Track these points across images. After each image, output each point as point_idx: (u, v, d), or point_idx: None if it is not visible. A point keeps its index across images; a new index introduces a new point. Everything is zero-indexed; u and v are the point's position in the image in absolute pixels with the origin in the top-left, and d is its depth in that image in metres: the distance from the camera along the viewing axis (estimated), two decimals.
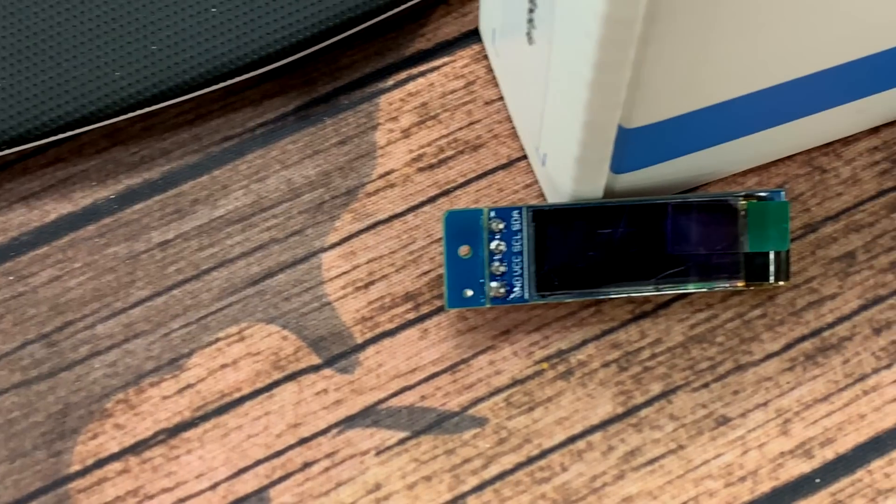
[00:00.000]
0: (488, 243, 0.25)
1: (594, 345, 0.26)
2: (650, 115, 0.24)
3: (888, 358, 0.26)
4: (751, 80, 0.24)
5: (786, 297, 0.27)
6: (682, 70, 0.23)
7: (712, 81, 0.23)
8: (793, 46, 0.24)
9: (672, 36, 0.21)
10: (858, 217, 0.28)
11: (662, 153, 0.26)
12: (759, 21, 0.22)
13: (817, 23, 0.23)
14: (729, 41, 0.22)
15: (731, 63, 0.23)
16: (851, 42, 0.25)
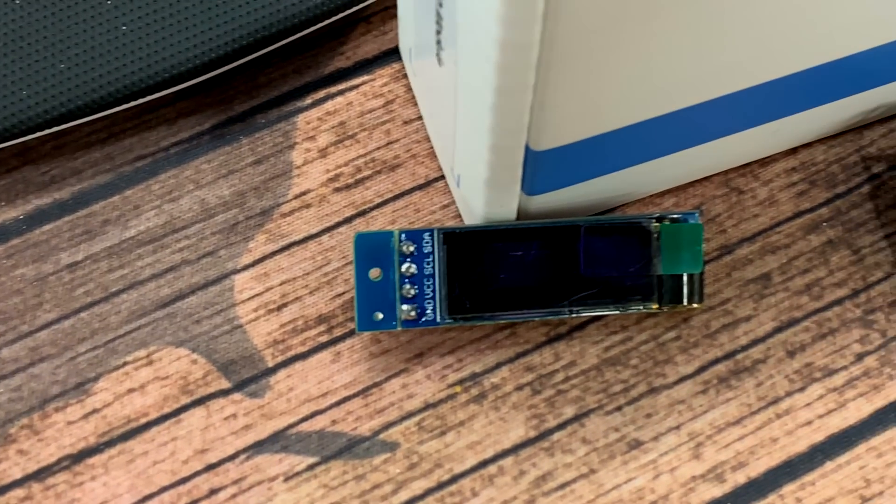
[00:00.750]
0: (399, 266, 0.25)
1: (508, 368, 0.26)
2: (558, 138, 0.24)
3: (801, 381, 0.26)
4: (659, 104, 0.24)
5: (700, 319, 0.27)
6: (586, 94, 0.23)
7: (619, 105, 0.23)
8: (700, 70, 0.24)
9: (572, 61, 0.21)
10: (774, 238, 0.28)
11: (575, 175, 0.26)
12: (663, 47, 0.22)
13: (725, 47, 0.23)
14: (632, 66, 0.22)
15: (636, 87, 0.23)
16: (761, 65, 0.25)
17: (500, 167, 0.23)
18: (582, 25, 0.20)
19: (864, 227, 0.28)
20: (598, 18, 0.20)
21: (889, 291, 0.27)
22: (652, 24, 0.21)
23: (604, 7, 0.20)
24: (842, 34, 0.25)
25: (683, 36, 0.22)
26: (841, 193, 0.28)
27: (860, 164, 0.28)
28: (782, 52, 0.25)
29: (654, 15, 0.21)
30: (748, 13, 0.23)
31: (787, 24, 0.23)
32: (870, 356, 0.26)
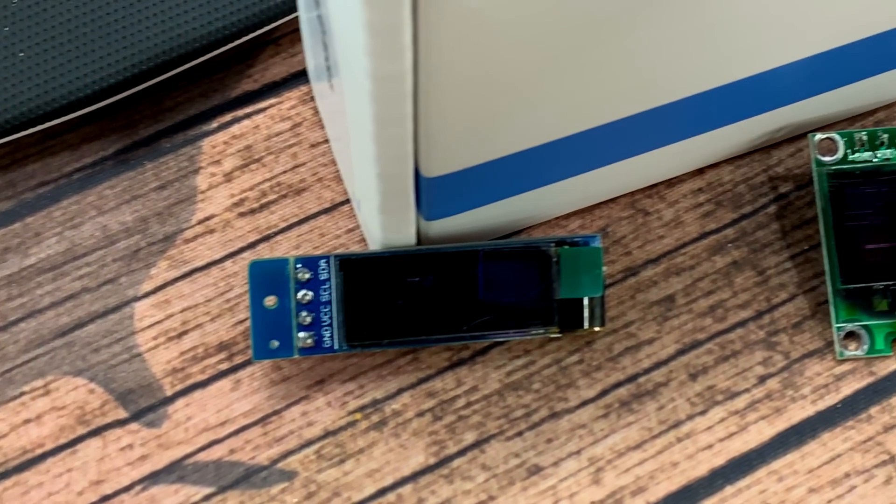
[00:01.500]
0: (295, 293, 0.25)
1: (409, 393, 0.26)
2: (448, 164, 0.24)
3: (703, 404, 0.26)
4: (551, 130, 0.24)
5: (603, 343, 0.27)
6: (471, 122, 0.22)
7: (508, 132, 0.23)
8: (591, 96, 0.23)
9: (450, 90, 0.21)
10: (679, 260, 0.27)
11: (472, 200, 0.26)
12: (548, 76, 0.22)
13: (619, 72, 0.23)
14: (515, 95, 0.22)
15: (523, 115, 0.23)
16: (660, 88, 0.25)
17: (390, 194, 0.23)
18: (454, 57, 0.20)
19: (769, 247, 0.28)
20: (471, 50, 0.20)
21: (793, 313, 0.27)
22: (531, 54, 0.21)
23: (475, 39, 0.20)
24: (744, 54, 0.25)
25: (568, 64, 0.22)
26: (747, 214, 0.28)
27: (767, 184, 0.28)
28: (682, 75, 0.24)
29: (531, 47, 0.20)
30: (644, 37, 0.23)
31: (686, 46, 0.23)
32: (772, 378, 0.26)
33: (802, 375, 0.26)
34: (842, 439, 0.26)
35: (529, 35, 0.20)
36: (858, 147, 0.27)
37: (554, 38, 0.21)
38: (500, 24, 0.20)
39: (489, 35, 0.20)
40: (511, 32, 0.20)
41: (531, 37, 0.20)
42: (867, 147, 0.27)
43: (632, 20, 0.22)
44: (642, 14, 0.22)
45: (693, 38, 0.23)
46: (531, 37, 0.20)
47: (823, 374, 0.26)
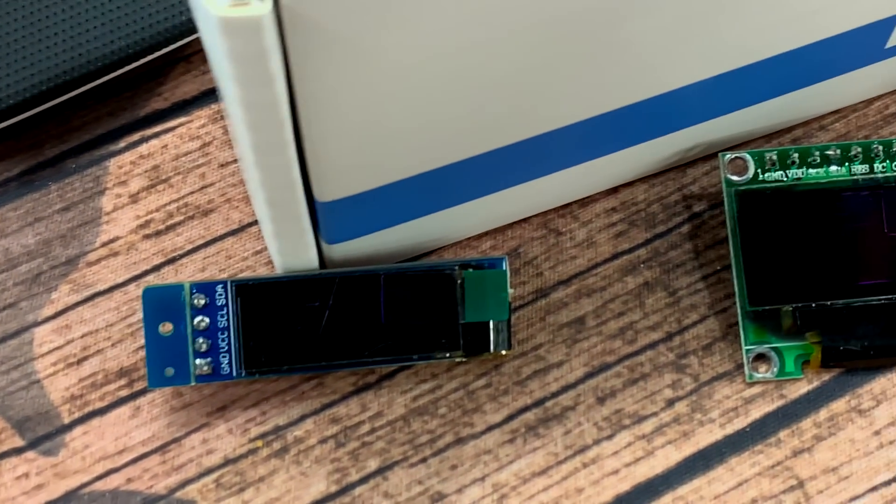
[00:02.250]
0: (191, 319, 0.25)
1: (313, 420, 0.26)
2: (342, 189, 0.23)
3: (610, 428, 0.26)
4: (448, 153, 0.24)
5: (512, 366, 0.26)
6: (360, 146, 0.22)
7: (401, 156, 0.23)
8: (485, 119, 0.23)
9: (332, 117, 0.21)
10: (591, 281, 0.27)
11: (374, 223, 0.25)
12: (432, 101, 0.21)
13: (519, 93, 0.23)
14: (402, 120, 0.21)
15: (415, 139, 0.23)
16: (563, 109, 0.24)
17: (281, 219, 0.23)
18: (329, 85, 0.20)
19: (681, 267, 0.27)
20: (346, 77, 0.19)
21: (703, 334, 0.26)
22: (411, 81, 0.20)
23: (349, 66, 0.19)
24: (652, 73, 0.24)
25: (456, 89, 0.21)
26: (660, 234, 0.28)
27: (681, 203, 0.28)
28: (589, 94, 0.24)
29: (410, 74, 0.20)
30: (545, 58, 0.22)
31: (592, 65, 0.23)
32: (681, 402, 0.26)
33: (711, 398, 0.26)
34: (750, 464, 0.25)
35: (407, 62, 0.20)
36: (769, 166, 0.26)
37: (436, 64, 0.21)
38: (374, 52, 0.19)
39: (363, 63, 0.19)
40: (386, 60, 0.20)
41: (409, 64, 0.20)
42: (778, 166, 0.26)
43: (529, 43, 0.22)
44: (542, 36, 0.22)
45: (600, 56, 0.23)
46: (409, 64, 0.20)
47: (733, 397, 0.26)
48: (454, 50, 0.21)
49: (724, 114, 0.27)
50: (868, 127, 0.28)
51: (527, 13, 0.21)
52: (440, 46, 0.20)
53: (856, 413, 0.26)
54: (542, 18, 0.21)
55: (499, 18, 0.21)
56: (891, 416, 0.26)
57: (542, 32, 0.21)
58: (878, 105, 0.29)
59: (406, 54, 0.20)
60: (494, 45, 0.21)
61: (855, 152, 0.26)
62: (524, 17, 0.21)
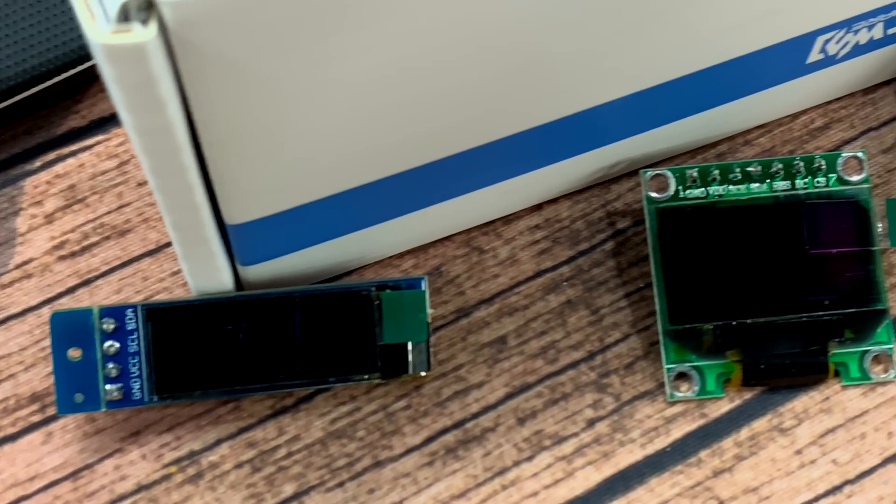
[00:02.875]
0: (101, 344, 0.24)
1: (228, 444, 0.25)
2: (252, 211, 0.23)
3: (530, 449, 0.25)
4: (359, 174, 0.23)
5: (432, 387, 0.26)
6: (265, 169, 0.22)
7: (309, 178, 0.23)
8: (395, 140, 0.23)
9: (232, 140, 0.20)
10: (513, 300, 0.27)
11: (289, 244, 0.25)
12: (333, 123, 0.21)
13: (430, 114, 0.23)
14: (304, 143, 0.21)
15: (322, 160, 0.22)
16: (478, 128, 0.24)
17: (188, 243, 0.23)
18: (226, 110, 0.19)
19: (604, 285, 0.27)
20: (241, 102, 0.19)
21: (626, 353, 0.26)
22: (311, 104, 0.20)
23: (243, 91, 0.19)
24: (574, 91, 0.24)
25: (359, 112, 0.21)
26: (584, 251, 0.27)
27: (605, 220, 0.28)
28: (506, 113, 0.24)
29: (310, 97, 0.20)
30: (461, 78, 0.22)
31: (510, 83, 0.23)
32: (601, 422, 0.26)
33: (632, 418, 0.26)
34: (670, 484, 0.25)
35: (306, 86, 0.20)
36: (690, 183, 0.26)
37: (339, 88, 0.20)
38: (270, 77, 0.19)
39: (260, 87, 0.19)
40: (283, 85, 0.19)
41: (308, 88, 0.20)
42: (699, 183, 0.26)
43: (445, 62, 0.21)
44: (459, 55, 0.21)
45: (519, 74, 0.23)
46: (308, 88, 0.20)
47: (654, 416, 0.26)
48: (358, 72, 0.20)
49: (647, 130, 0.26)
50: (793, 141, 0.28)
51: (442, 33, 0.20)
52: (341, 71, 0.20)
53: (777, 432, 0.25)
54: (458, 38, 0.21)
55: (410, 39, 0.20)
56: (812, 434, 0.25)
57: (459, 51, 0.21)
58: (804, 119, 0.29)
59: (304, 79, 0.19)
60: (405, 66, 0.21)
61: (776, 168, 0.26)
62: (439, 36, 0.21)
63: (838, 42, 0.26)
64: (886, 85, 0.29)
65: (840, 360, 0.26)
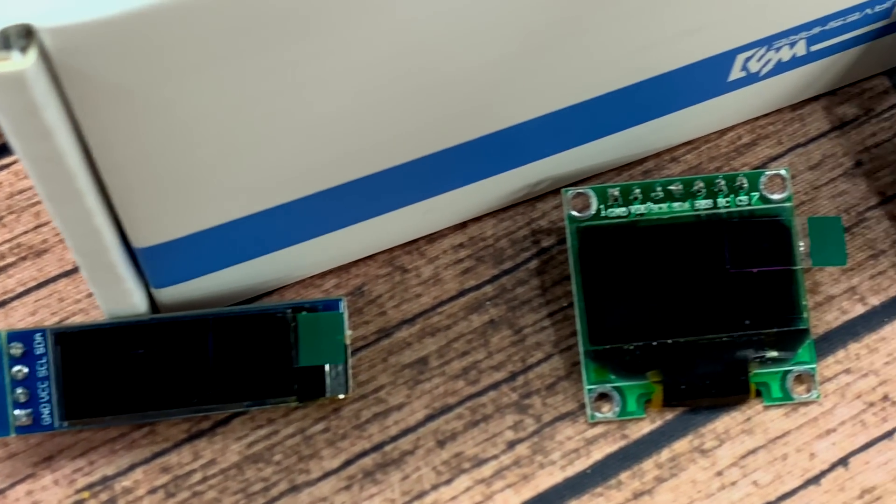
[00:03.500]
0: (9, 369, 0.24)
1: (142, 469, 0.25)
2: (159, 234, 0.22)
3: (449, 472, 0.25)
4: (266, 197, 0.23)
5: (351, 409, 0.26)
6: (167, 193, 0.21)
7: (214, 201, 0.22)
8: (300, 163, 0.22)
9: (129, 165, 0.20)
10: (435, 320, 0.26)
11: (203, 266, 0.24)
12: (232, 147, 0.21)
13: (349, 136, 0.22)
14: (204, 167, 0.21)
15: (230, 183, 0.22)
16: (389, 151, 0.24)
17: (93, 268, 0.22)
18: (118, 135, 0.19)
19: (528, 305, 0.27)
20: (133, 127, 0.19)
21: (548, 373, 0.26)
22: (205, 129, 0.20)
23: (134, 116, 0.19)
24: (494, 109, 0.24)
25: (257, 135, 0.21)
26: (508, 270, 0.27)
27: (530, 238, 0.27)
28: (425, 132, 0.24)
29: (203, 122, 0.19)
30: (365, 99, 0.22)
31: (430, 102, 0.23)
32: (522, 444, 0.25)
33: (553, 440, 0.25)
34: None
35: (200, 111, 0.19)
36: (612, 202, 0.26)
37: (237, 111, 0.20)
38: (160, 102, 0.19)
39: (151, 112, 0.19)
40: (174, 108, 0.19)
41: (202, 111, 0.19)
42: (621, 202, 0.26)
43: (360, 82, 0.21)
44: (379, 73, 0.21)
45: (439, 92, 0.22)
46: (202, 111, 0.19)
47: (575, 437, 0.25)
48: (257, 94, 0.20)
49: (569, 148, 0.26)
50: (720, 158, 0.28)
51: (354, 54, 0.20)
52: (238, 94, 0.19)
53: (698, 453, 0.25)
54: (372, 58, 0.20)
55: (316, 60, 0.20)
56: (733, 455, 0.25)
57: (373, 71, 0.21)
58: (731, 136, 0.28)
59: (197, 103, 0.19)
60: (312, 86, 0.20)
61: (698, 187, 0.26)
62: (351, 57, 0.20)
63: (760, 60, 0.26)
64: (815, 101, 0.29)
65: (762, 381, 0.26)
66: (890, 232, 0.27)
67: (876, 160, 0.28)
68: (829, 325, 0.26)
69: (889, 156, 0.28)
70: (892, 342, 0.26)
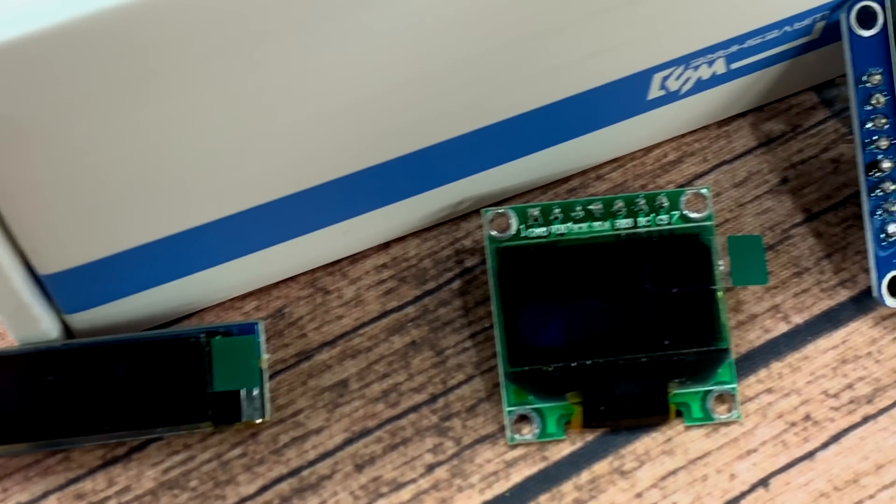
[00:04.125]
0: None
1: (56, 496, 0.24)
2: (65, 260, 0.22)
3: (367, 497, 0.25)
4: (180, 219, 0.23)
5: (269, 434, 0.25)
6: (71, 219, 0.21)
7: (123, 225, 0.22)
8: (217, 185, 0.22)
9: (27, 194, 0.20)
10: (356, 342, 0.26)
11: (115, 290, 0.24)
12: (125, 174, 0.20)
13: (259, 157, 0.22)
14: (98, 193, 0.21)
15: (134, 209, 0.22)
16: (298, 174, 0.23)
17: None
18: (11, 165, 0.19)
19: (450, 325, 0.26)
20: (18, 157, 0.19)
21: (469, 395, 0.26)
22: (91, 158, 0.19)
23: (18, 146, 0.18)
24: (411, 129, 0.24)
25: (153, 160, 0.20)
26: (430, 290, 0.27)
27: (453, 258, 0.27)
28: (341, 152, 0.23)
29: (87, 152, 0.19)
30: (277, 119, 0.21)
31: (346, 123, 0.22)
32: (441, 467, 0.25)
33: (473, 462, 0.25)
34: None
35: (86, 138, 0.19)
36: (532, 222, 0.26)
37: (127, 138, 0.20)
38: (45, 131, 0.18)
39: (37, 140, 0.18)
40: (62, 138, 0.19)
41: (91, 139, 0.19)
42: (541, 222, 0.26)
43: (266, 101, 0.21)
44: (279, 95, 0.21)
45: (353, 113, 0.22)
46: (91, 139, 0.19)
47: (494, 460, 0.25)
48: (159, 120, 0.20)
49: (492, 167, 0.26)
50: (645, 175, 0.28)
51: (265, 71, 0.20)
52: (135, 119, 0.19)
53: (618, 475, 0.25)
54: (282, 80, 0.20)
55: (222, 80, 0.20)
56: (653, 477, 0.25)
57: (284, 93, 0.21)
58: (657, 153, 0.28)
59: (85, 132, 0.19)
60: (216, 108, 0.20)
61: (618, 207, 0.26)
62: (261, 75, 0.20)
63: (678, 78, 0.26)
64: (742, 117, 0.29)
65: (682, 401, 0.25)
66: (815, 249, 0.27)
67: (802, 177, 0.28)
68: (751, 343, 0.26)
69: (815, 172, 0.28)
70: (815, 361, 0.26)
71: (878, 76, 0.25)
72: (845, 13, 0.25)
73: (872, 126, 0.26)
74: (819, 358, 0.26)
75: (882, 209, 0.26)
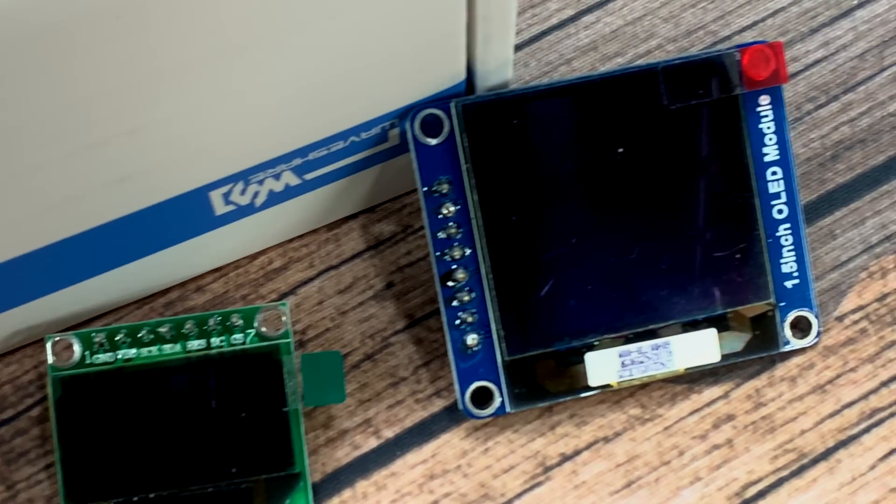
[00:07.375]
0: None
1: None
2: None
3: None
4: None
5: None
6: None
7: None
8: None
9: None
10: None
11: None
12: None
13: None
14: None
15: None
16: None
17: None
18: None
19: (25, 456, 0.25)
20: None
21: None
22: None
23: None
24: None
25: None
26: (7, 419, 0.26)
27: (36, 383, 0.26)
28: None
29: None
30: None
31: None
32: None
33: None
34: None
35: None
36: (98, 348, 0.25)
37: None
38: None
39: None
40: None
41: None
42: (107, 347, 0.25)
43: None
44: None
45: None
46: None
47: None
48: None
49: (54, 291, 0.25)
50: (248, 285, 0.27)
51: None
52: None
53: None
54: None
55: None
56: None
57: None
58: (262, 260, 0.27)
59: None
60: None
61: (189, 328, 0.25)
62: None
63: (244, 193, 0.25)
64: (353, 219, 0.28)
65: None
66: (413, 357, 0.27)
67: (408, 280, 0.27)
68: (338, 462, 0.25)
69: (422, 275, 0.27)
70: (402, 478, 0.25)
71: (447, 185, 0.25)
72: (409, 122, 0.25)
73: (445, 235, 0.25)
74: (406, 474, 0.25)
75: (460, 319, 0.25)
